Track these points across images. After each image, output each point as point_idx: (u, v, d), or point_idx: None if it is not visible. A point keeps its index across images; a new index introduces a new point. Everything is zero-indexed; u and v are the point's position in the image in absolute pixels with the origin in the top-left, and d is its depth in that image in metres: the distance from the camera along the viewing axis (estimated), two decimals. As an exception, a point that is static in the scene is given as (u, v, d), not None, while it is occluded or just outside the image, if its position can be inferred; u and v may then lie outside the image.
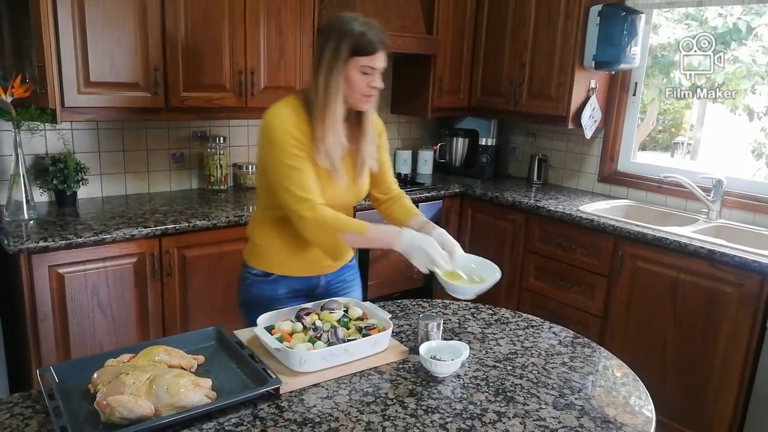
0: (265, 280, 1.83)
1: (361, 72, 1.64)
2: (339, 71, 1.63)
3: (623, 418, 1.33)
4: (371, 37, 1.62)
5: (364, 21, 1.64)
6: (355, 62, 1.63)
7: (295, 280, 1.84)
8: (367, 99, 1.70)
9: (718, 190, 2.97)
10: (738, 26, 3.12)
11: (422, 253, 1.61)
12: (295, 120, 1.65)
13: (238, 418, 1.24)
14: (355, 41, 1.61)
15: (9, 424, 1.18)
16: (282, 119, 1.65)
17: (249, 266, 1.86)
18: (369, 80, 1.66)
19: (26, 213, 2.45)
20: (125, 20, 2.48)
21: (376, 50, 1.63)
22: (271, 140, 1.64)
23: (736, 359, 2.48)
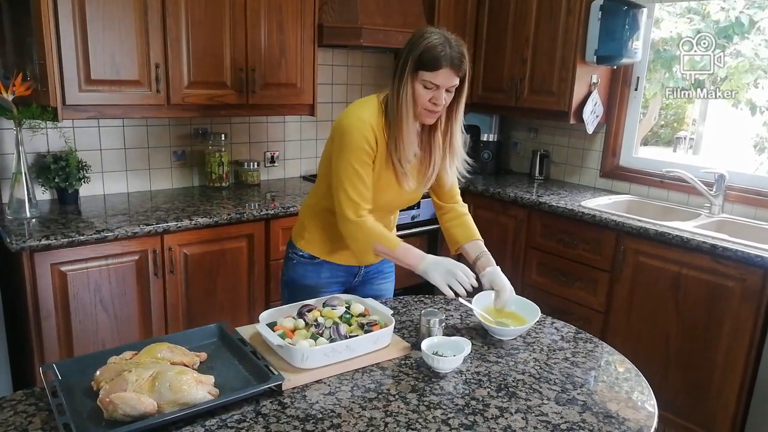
0: (311, 263, 1.93)
1: (423, 86, 1.65)
2: (407, 82, 1.65)
3: (626, 414, 1.33)
4: (438, 53, 1.60)
5: (442, 36, 1.63)
6: (419, 76, 1.64)
7: (338, 266, 1.94)
8: (429, 114, 1.70)
9: (721, 185, 2.96)
10: (740, 20, 3.10)
11: (441, 268, 1.65)
12: (373, 123, 1.69)
13: (241, 415, 1.24)
14: (421, 55, 1.62)
15: (13, 421, 1.18)
16: (361, 122, 1.68)
17: (297, 248, 1.95)
18: (432, 96, 1.66)
19: (28, 211, 2.45)
20: (126, 18, 2.48)
21: (440, 66, 1.61)
22: (345, 140, 1.69)
23: (739, 354, 2.47)
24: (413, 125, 1.71)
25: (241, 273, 2.75)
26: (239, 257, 2.73)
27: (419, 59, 1.62)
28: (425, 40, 1.62)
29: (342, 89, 3.70)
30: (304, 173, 3.66)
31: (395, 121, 1.68)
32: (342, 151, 1.69)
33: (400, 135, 1.69)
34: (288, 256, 1.99)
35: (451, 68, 1.62)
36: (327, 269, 1.93)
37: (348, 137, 1.68)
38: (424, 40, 1.62)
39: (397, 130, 1.69)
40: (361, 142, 1.67)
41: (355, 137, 1.67)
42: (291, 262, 1.97)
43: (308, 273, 1.93)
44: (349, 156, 1.68)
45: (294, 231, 2.00)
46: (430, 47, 1.61)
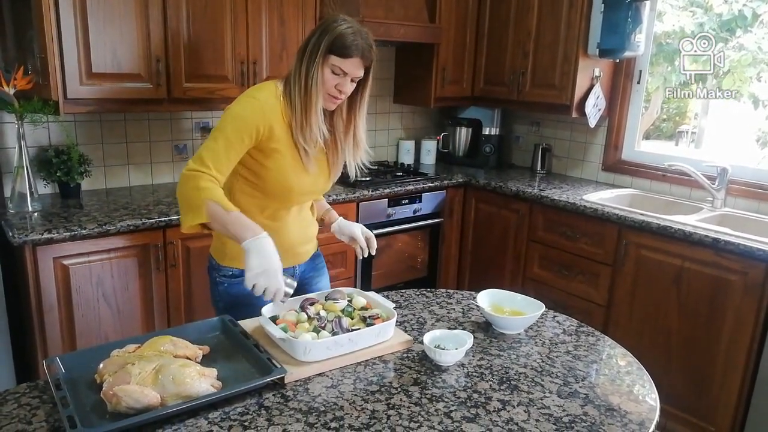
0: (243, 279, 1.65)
1: (332, 71, 1.65)
2: (317, 64, 1.64)
3: (627, 407, 1.33)
4: (350, 41, 1.62)
5: (353, 25, 1.66)
6: (329, 60, 1.64)
7: None
8: (332, 99, 1.70)
9: (723, 179, 2.96)
10: (743, 13, 3.09)
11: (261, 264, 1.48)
12: (270, 104, 1.65)
13: (244, 407, 1.25)
14: (333, 40, 1.62)
15: (17, 414, 1.19)
16: (252, 99, 1.65)
17: (222, 267, 1.80)
18: (337, 82, 1.66)
19: (30, 205, 2.46)
20: (127, 11, 2.47)
21: (350, 55, 1.63)
22: (229, 111, 1.64)
23: (741, 347, 2.48)
24: (320, 107, 1.68)
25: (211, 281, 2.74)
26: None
27: (332, 44, 1.62)
28: (339, 26, 1.63)
29: (343, 83, 3.69)
30: (306, 167, 3.65)
31: (302, 102, 1.65)
32: (222, 121, 1.62)
33: (307, 115, 1.65)
34: (216, 281, 1.82)
35: (361, 58, 1.65)
36: None
37: (234, 108, 1.64)
38: (338, 26, 1.63)
39: (305, 110, 1.65)
40: (246, 114, 1.62)
41: (241, 110, 1.63)
42: (221, 286, 1.81)
43: (244, 291, 1.57)
44: (227, 125, 1.61)
45: (213, 249, 1.84)
46: (344, 34, 1.62)
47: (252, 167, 1.71)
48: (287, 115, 1.67)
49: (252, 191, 1.74)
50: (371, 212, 3.17)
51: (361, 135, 1.80)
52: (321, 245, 2.04)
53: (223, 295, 1.83)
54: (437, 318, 1.75)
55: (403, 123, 4.10)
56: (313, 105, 1.65)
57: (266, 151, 1.68)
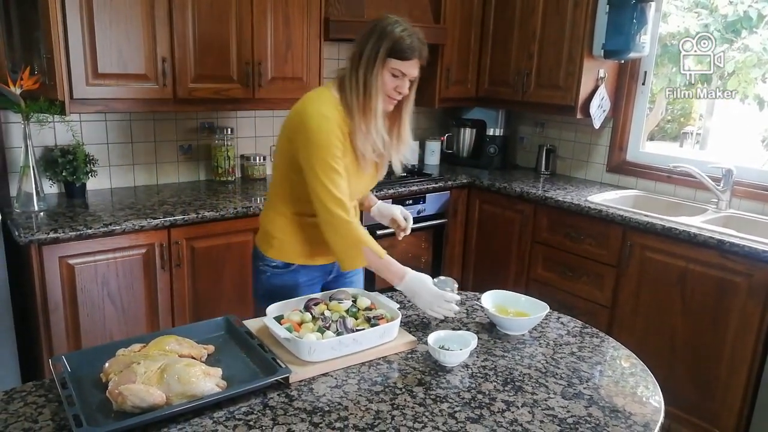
0: (286, 271, 1.88)
1: (392, 74, 1.68)
2: (377, 69, 1.66)
3: (632, 408, 1.33)
4: (409, 43, 1.66)
5: (407, 27, 1.69)
6: (389, 64, 1.66)
7: (315, 268, 1.91)
8: (390, 101, 1.73)
9: (728, 180, 2.95)
10: (749, 14, 3.08)
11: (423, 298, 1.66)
12: (336, 117, 1.69)
13: (249, 407, 1.25)
14: (393, 43, 1.65)
15: (23, 412, 1.19)
16: (326, 120, 1.67)
17: (268, 258, 1.88)
18: (396, 84, 1.69)
19: (36, 204, 2.47)
20: (133, 11, 2.48)
21: (411, 57, 1.67)
22: (313, 140, 1.66)
23: (745, 349, 2.47)
24: (381, 110, 1.71)
25: (247, 266, 2.74)
26: (246, 251, 2.73)
27: (391, 48, 1.65)
28: (395, 29, 1.66)
29: (348, 83, 3.69)
30: (310, 167, 3.65)
31: (362, 108, 1.68)
32: (314, 151, 1.66)
33: (368, 120, 1.69)
34: (259, 269, 1.91)
35: (418, 59, 1.69)
36: (303, 273, 1.89)
37: (316, 136, 1.66)
38: (395, 29, 1.66)
39: (367, 117, 1.68)
40: (331, 138, 1.66)
41: (324, 135, 1.66)
42: (264, 275, 1.90)
43: (285, 281, 1.87)
44: (322, 154, 1.66)
45: (259, 241, 1.92)
46: (402, 37, 1.65)
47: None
48: (347, 123, 1.70)
49: (297, 189, 1.77)
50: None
51: (406, 131, 1.84)
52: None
53: (264, 284, 1.91)
54: (441, 319, 1.75)
55: (407, 123, 4.09)
56: (373, 109, 1.68)
57: None
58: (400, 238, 2.05)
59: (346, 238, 1.70)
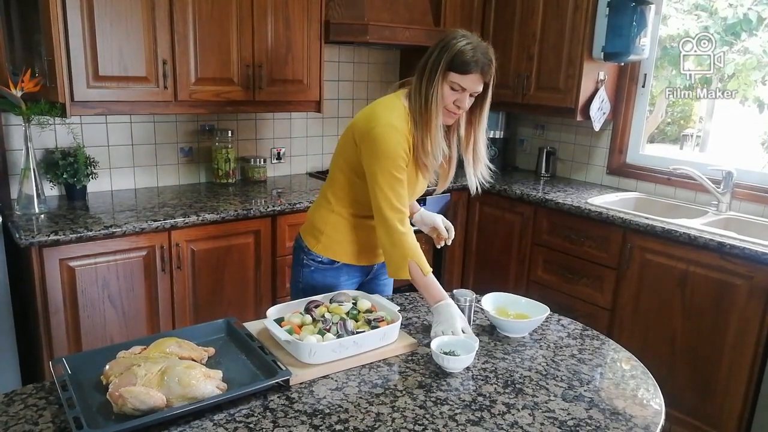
0: (330, 268, 1.90)
1: (450, 88, 1.67)
2: (437, 82, 1.66)
3: (632, 411, 1.33)
4: (469, 57, 1.64)
5: (472, 41, 1.67)
6: (448, 77, 1.66)
7: (357, 268, 1.94)
8: (450, 115, 1.73)
9: (728, 182, 2.95)
10: (749, 17, 3.08)
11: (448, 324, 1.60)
12: (404, 128, 1.70)
13: (249, 409, 1.25)
14: (453, 56, 1.64)
15: (23, 414, 1.19)
16: (396, 131, 1.68)
17: (313, 253, 1.90)
18: (456, 98, 1.69)
19: (37, 207, 2.47)
20: (133, 14, 2.48)
21: (470, 71, 1.65)
22: (381, 148, 1.67)
23: (746, 351, 2.47)
24: (440, 123, 1.72)
25: (247, 269, 2.76)
26: (246, 253, 2.73)
27: (452, 61, 1.64)
28: (459, 42, 1.65)
29: (348, 86, 3.70)
30: (311, 170, 3.66)
31: (423, 119, 1.69)
32: (379, 160, 1.68)
33: (430, 134, 1.69)
34: (302, 262, 1.93)
35: (480, 74, 1.67)
36: (345, 272, 1.92)
37: (384, 146, 1.67)
38: (458, 42, 1.65)
39: (426, 129, 1.69)
40: (398, 150, 1.68)
41: (392, 146, 1.67)
42: (308, 269, 1.92)
43: (327, 278, 1.91)
44: (387, 164, 1.67)
45: (306, 235, 1.94)
46: (464, 51, 1.64)
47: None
48: (413, 133, 1.72)
49: (358, 192, 1.79)
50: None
51: (481, 149, 1.84)
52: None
53: (306, 277, 1.93)
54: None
55: (407, 126, 4.09)
56: (432, 121, 1.69)
57: None
58: (439, 246, 2.07)
59: (398, 248, 1.71)
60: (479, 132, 1.82)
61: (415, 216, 2.08)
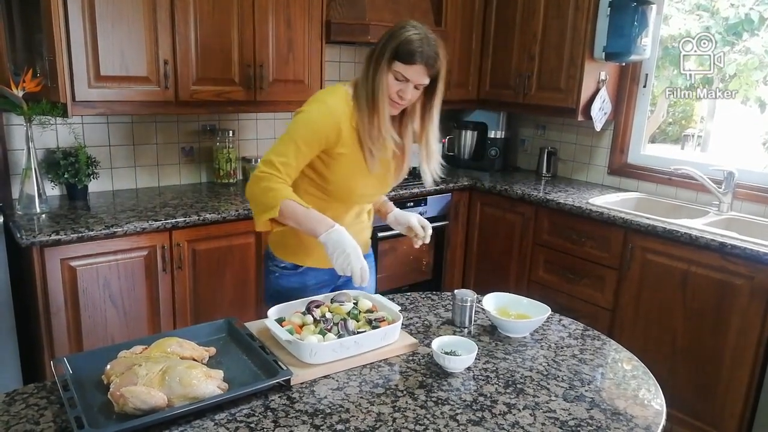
0: (295, 273, 1.87)
1: (394, 77, 1.66)
2: (382, 70, 1.65)
3: (633, 411, 1.33)
4: (415, 47, 1.62)
5: (420, 32, 1.65)
6: (393, 66, 1.65)
7: (323, 270, 1.87)
8: (393, 105, 1.70)
9: (730, 183, 2.95)
10: (750, 17, 3.08)
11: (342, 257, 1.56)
12: (340, 110, 1.67)
13: (250, 409, 1.25)
14: (398, 45, 1.63)
15: (24, 414, 1.19)
16: (325, 107, 1.67)
17: (278, 259, 1.88)
18: (399, 88, 1.67)
19: (38, 206, 2.47)
20: (135, 14, 2.48)
21: (413, 62, 1.63)
22: (304, 118, 1.66)
23: (747, 352, 2.47)
24: (387, 111, 1.69)
25: (248, 269, 2.76)
26: (247, 253, 2.73)
27: (396, 50, 1.63)
28: (406, 32, 1.63)
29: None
30: (312, 170, 3.66)
31: (369, 107, 1.67)
32: (295, 125, 1.65)
33: (375, 119, 1.67)
34: (268, 269, 1.91)
35: (424, 66, 1.64)
36: (312, 276, 1.88)
37: (305, 116, 1.66)
38: (405, 32, 1.63)
39: (372, 114, 1.67)
40: (318, 124, 1.65)
41: (313, 118, 1.65)
42: (273, 275, 1.89)
43: (293, 283, 1.87)
44: (298, 131, 1.64)
45: (271, 240, 1.91)
46: (409, 40, 1.62)
47: (318, 168, 1.73)
48: (356, 118, 1.69)
49: (315, 191, 1.77)
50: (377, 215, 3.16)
51: (432, 145, 1.82)
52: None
53: (273, 284, 1.90)
54: (443, 321, 1.75)
55: (408, 126, 4.09)
56: (379, 110, 1.67)
57: (333, 154, 1.70)
58: (416, 246, 2.00)
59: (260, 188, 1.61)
60: (430, 127, 1.79)
61: (389, 217, 2.03)
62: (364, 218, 1.95)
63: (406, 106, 1.73)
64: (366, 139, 1.69)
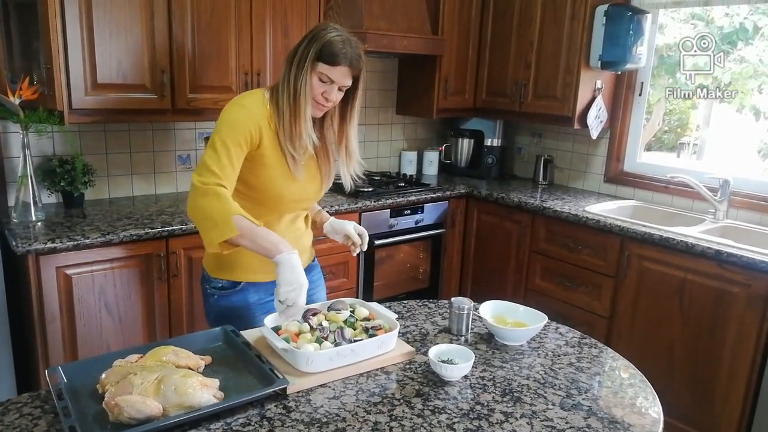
0: (233, 291, 1.78)
1: (319, 79, 1.65)
2: (305, 71, 1.64)
3: (631, 419, 1.32)
4: (338, 49, 1.62)
5: (342, 34, 1.66)
6: (317, 67, 1.64)
7: (264, 285, 1.78)
8: (319, 107, 1.69)
9: (725, 191, 2.96)
10: (745, 26, 3.10)
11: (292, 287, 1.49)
12: (257, 111, 1.65)
13: (246, 418, 1.24)
14: (321, 47, 1.63)
15: (18, 424, 1.18)
16: (242, 108, 1.65)
17: (212, 279, 1.79)
18: (324, 89, 1.66)
19: (34, 214, 2.46)
20: (132, 22, 2.49)
21: (338, 63, 1.63)
22: (223, 119, 1.63)
23: (744, 360, 2.47)
24: (309, 113, 1.68)
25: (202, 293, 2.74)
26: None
27: (320, 51, 1.63)
28: (328, 33, 1.64)
29: (346, 94, 3.70)
30: (308, 177, 3.66)
31: (290, 109, 1.65)
32: (217, 129, 1.61)
33: (296, 122, 1.65)
34: (206, 292, 1.83)
35: (348, 67, 1.65)
36: (252, 292, 1.78)
37: (225, 116, 1.63)
38: (328, 33, 1.64)
39: (293, 117, 1.65)
40: (239, 122, 1.62)
41: (232, 117, 1.63)
42: (211, 298, 1.80)
43: (234, 302, 1.77)
44: (223, 132, 1.60)
45: (205, 263, 1.83)
46: (333, 42, 1.63)
47: (242, 176, 1.68)
48: (274, 121, 1.67)
49: (242, 201, 1.69)
50: (373, 223, 3.17)
51: (353, 146, 1.80)
52: (322, 255, 2.04)
53: (213, 307, 1.83)
54: (440, 329, 1.75)
55: (405, 134, 4.11)
56: (301, 112, 1.65)
57: (255, 158, 1.67)
58: (354, 254, 1.95)
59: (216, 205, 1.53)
60: (350, 128, 1.78)
61: (325, 226, 1.98)
62: (300, 224, 1.89)
63: (330, 108, 1.72)
64: (286, 144, 1.66)
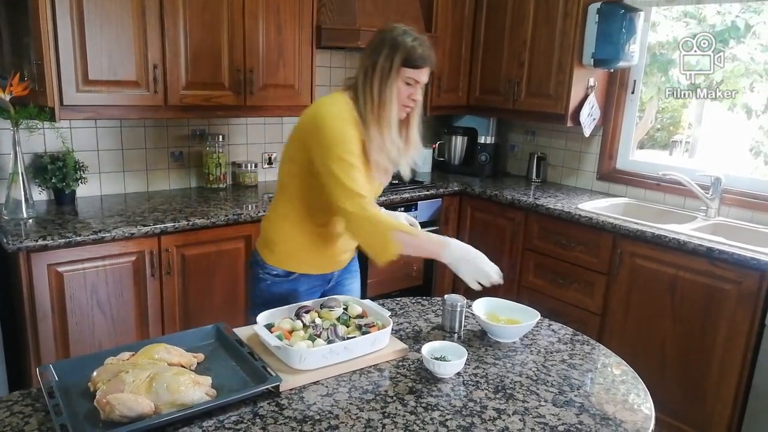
0: (286, 280, 1.86)
1: (405, 83, 1.71)
2: (392, 79, 1.69)
3: (622, 416, 1.33)
4: (421, 52, 1.69)
5: (416, 36, 1.72)
6: (403, 73, 1.69)
7: (315, 276, 1.90)
8: (404, 109, 1.76)
9: (717, 188, 2.97)
10: (736, 24, 3.12)
11: (471, 266, 1.66)
12: (352, 120, 1.69)
13: (238, 416, 1.24)
14: (407, 53, 1.68)
15: (9, 422, 1.18)
16: (343, 120, 1.67)
17: (268, 266, 1.86)
18: (410, 92, 1.72)
19: (25, 211, 2.44)
20: (124, 18, 2.47)
21: (423, 65, 1.71)
22: (329, 138, 1.64)
23: (735, 356, 2.48)
24: (396, 119, 1.73)
25: (238, 274, 2.75)
26: (236, 258, 2.72)
27: (405, 58, 1.68)
28: (406, 39, 1.69)
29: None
30: (302, 175, 3.65)
31: (377, 118, 1.69)
32: (330, 149, 1.63)
33: (386, 132, 1.70)
34: (257, 276, 1.88)
35: (430, 66, 1.73)
36: (303, 282, 1.87)
37: (333, 133, 1.64)
38: (405, 39, 1.69)
39: (382, 127, 1.69)
40: (347, 135, 1.65)
41: (340, 132, 1.65)
42: (264, 282, 1.87)
43: (284, 290, 1.85)
44: (339, 151, 1.62)
45: (260, 247, 1.90)
46: (414, 47, 1.69)
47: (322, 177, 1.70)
48: (361, 130, 1.70)
49: (313, 199, 1.76)
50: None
51: (415, 135, 1.85)
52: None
53: (263, 292, 1.88)
54: (433, 326, 1.75)
55: (399, 131, 4.10)
56: (388, 119, 1.70)
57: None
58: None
59: (370, 230, 1.64)
60: (414, 119, 1.83)
61: None
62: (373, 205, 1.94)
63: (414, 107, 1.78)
64: (374, 152, 1.71)
